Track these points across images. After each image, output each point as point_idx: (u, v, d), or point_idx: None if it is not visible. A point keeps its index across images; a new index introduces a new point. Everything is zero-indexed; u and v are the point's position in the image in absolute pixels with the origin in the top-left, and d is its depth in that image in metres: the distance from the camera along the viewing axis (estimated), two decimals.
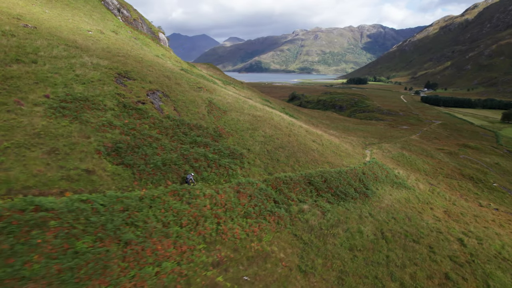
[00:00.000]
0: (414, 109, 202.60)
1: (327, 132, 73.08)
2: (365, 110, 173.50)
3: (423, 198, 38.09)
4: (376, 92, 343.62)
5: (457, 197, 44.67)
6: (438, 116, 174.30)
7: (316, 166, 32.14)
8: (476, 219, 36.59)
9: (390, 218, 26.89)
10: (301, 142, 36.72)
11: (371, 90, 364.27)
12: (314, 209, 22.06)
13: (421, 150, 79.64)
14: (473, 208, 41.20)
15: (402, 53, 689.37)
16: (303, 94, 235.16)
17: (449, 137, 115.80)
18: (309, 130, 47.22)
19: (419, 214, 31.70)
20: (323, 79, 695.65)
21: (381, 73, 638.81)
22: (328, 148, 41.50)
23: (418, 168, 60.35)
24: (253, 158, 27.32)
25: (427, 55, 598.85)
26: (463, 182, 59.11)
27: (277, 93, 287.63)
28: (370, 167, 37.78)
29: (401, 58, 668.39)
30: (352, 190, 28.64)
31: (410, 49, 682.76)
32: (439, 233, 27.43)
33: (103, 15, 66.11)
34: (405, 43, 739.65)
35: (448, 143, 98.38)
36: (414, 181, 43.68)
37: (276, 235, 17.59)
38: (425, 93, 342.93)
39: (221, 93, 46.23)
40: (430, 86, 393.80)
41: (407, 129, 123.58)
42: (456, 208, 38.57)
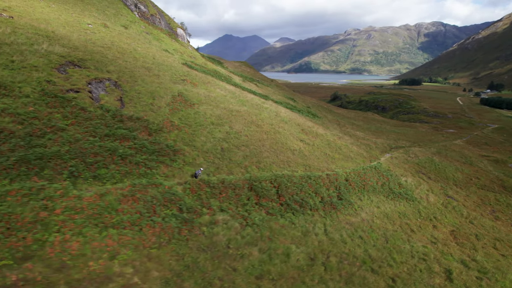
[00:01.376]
0: (469, 112, 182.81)
1: (349, 133, 66.73)
2: (410, 112, 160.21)
3: (427, 213, 31.41)
4: (429, 93, 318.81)
5: (481, 214, 36.81)
6: (497, 120, 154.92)
7: (285, 168, 27.49)
8: (496, 244, 29.20)
9: (356, 237, 21.53)
10: (279, 141, 32.14)
11: (424, 91, 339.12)
12: (233, 221, 17.77)
13: (460, 156, 69.77)
14: (499, 230, 33.37)
15: (463, 52, 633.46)
16: (345, 95, 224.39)
17: (503, 143, 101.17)
18: (309, 129, 42.21)
19: (409, 233, 25.63)
20: (374, 80, 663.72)
21: (438, 73, 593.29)
22: (320, 149, 36.29)
23: (446, 177, 52.19)
24: (195, 156, 23.62)
25: (493, 53, 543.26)
26: (504, 195, 49.84)
27: (321, 94, 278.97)
28: (362, 173, 31.98)
29: (461, 58, 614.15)
30: (315, 200, 23.66)
31: (473, 47, 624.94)
32: (421, 261, 21.42)
33: (118, 11, 66.39)
34: (467, 41, 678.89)
35: (500, 150, 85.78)
36: (425, 192, 36.68)
37: (145, 252, 13.78)
38: (486, 94, 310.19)
39: (212, 87, 43.08)
40: (494, 87, 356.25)
41: (453, 133, 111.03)
42: (471, 228, 31.33)
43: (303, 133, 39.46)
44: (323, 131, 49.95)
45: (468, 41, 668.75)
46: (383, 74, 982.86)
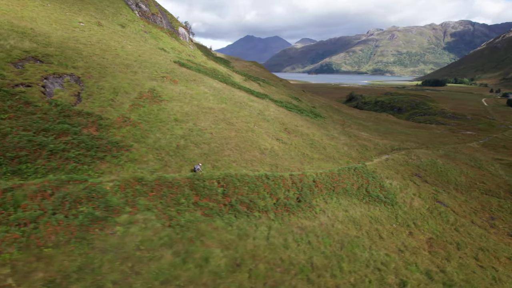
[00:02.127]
0: (493, 113, 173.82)
1: (349, 134, 64.37)
2: (426, 113, 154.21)
3: (407, 218, 29.16)
4: (452, 94, 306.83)
5: (472, 221, 34.06)
6: None
7: (246, 167, 26.16)
8: (478, 254, 26.67)
9: (304, 242, 19.92)
10: (249, 140, 30.81)
11: (447, 92, 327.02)
12: (156, 222, 16.64)
13: (470, 159, 65.98)
14: (488, 238, 30.62)
15: (492, 51, 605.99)
16: (361, 95, 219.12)
17: None
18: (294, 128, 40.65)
19: (375, 240, 23.65)
20: (396, 81, 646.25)
21: (464, 74, 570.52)
22: (298, 149, 34.66)
23: (447, 180, 49.30)
24: (143, 153, 22.71)
25: None
26: (509, 201, 46.47)
27: (338, 94, 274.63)
28: (336, 175, 30.13)
29: (490, 57, 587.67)
30: (267, 201, 22.19)
31: (503, 46, 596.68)
32: (376, 271, 19.51)
33: (118, 10, 66.93)
34: (497, 39, 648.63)
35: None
36: (410, 196, 34.24)
37: (35, 252, 12.81)
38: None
39: (195, 85, 42.33)
40: None
41: (469, 135, 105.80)
42: (454, 236, 28.87)
43: (284, 132, 37.91)
44: (314, 130, 48.09)
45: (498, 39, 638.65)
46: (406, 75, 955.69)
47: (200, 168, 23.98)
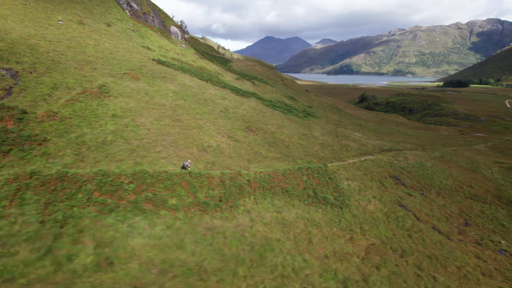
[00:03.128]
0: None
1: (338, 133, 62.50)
2: (438, 114, 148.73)
3: (352, 222, 27.39)
4: (473, 95, 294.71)
5: (435, 227, 31.82)
6: None
7: (176, 165, 25.27)
8: (422, 263, 24.65)
9: (205, 244, 18.84)
10: (192, 137, 29.95)
11: (468, 93, 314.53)
12: (30, 216, 16.03)
13: (467, 162, 62.77)
14: (443, 246, 28.36)
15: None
16: (373, 96, 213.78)
17: None
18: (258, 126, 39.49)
19: (301, 245, 22.16)
20: (416, 82, 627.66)
21: (490, 74, 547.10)
22: (251, 147, 33.52)
23: (431, 183, 47.03)
24: (60, 147, 22.30)
25: None
26: (493, 207, 43.78)
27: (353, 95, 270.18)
28: (280, 174, 28.75)
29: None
30: (180, 200, 21.21)
31: None
32: (279, 277, 18.13)
33: (107, 9, 67.68)
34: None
35: None
36: (368, 198, 32.30)
37: None
38: None
39: (161, 82, 41.92)
40: None
41: (479, 137, 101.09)
42: (404, 243, 26.91)
43: (244, 130, 36.79)
44: (288, 129, 46.61)
45: None
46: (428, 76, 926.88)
47: (188, 164, 25.15)
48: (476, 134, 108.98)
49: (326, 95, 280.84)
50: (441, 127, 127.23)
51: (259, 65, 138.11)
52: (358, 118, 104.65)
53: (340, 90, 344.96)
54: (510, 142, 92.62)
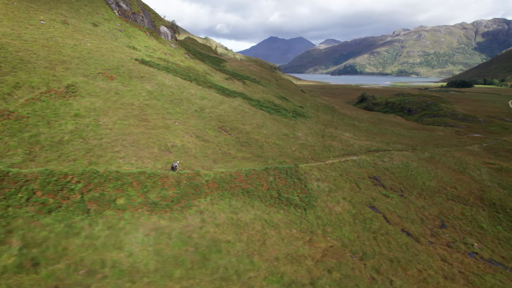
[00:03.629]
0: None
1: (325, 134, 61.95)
2: (436, 115, 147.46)
3: (315, 224, 26.92)
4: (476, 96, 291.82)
5: (404, 229, 31.22)
6: None
7: (135, 164, 24.99)
8: (381, 266, 24.16)
9: (146, 245, 18.50)
10: (157, 137, 29.68)
11: (471, 94, 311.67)
12: None
13: (456, 162, 62.07)
14: (410, 249, 27.79)
15: None
16: (373, 96, 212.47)
17: None
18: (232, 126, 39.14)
19: (253, 246, 21.73)
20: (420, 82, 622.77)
21: (494, 75, 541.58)
22: (220, 147, 33.17)
23: (413, 185, 46.60)
24: (10, 147, 22.17)
25: None
26: (474, 209, 43.22)
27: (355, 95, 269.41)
28: (243, 174, 28.36)
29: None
30: (129, 200, 20.91)
31: None
32: (218, 280, 17.72)
33: (95, 9, 67.77)
34: None
35: None
36: (337, 200, 31.74)
37: None
38: None
39: (137, 81, 41.73)
40: None
41: (475, 138, 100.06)
42: (367, 246, 26.39)
43: (216, 130, 36.46)
44: (267, 130, 46.16)
45: None
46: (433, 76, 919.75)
47: (177, 165, 26.09)
48: (472, 134, 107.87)
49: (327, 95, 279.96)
50: (439, 127, 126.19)
51: (255, 65, 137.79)
52: (352, 118, 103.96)
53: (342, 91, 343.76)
54: (506, 143, 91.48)
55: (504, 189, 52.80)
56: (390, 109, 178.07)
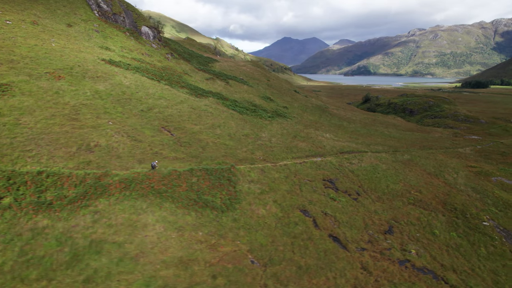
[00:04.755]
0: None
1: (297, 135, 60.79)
2: (437, 116, 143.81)
3: (229, 227, 26.10)
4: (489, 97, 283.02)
5: (330, 235, 30.03)
6: None
7: (41, 164, 24.78)
8: (286, 273, 23.02)
9: (12, 246, 18.16)
10: (80, 136, 29.47)
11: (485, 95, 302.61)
12: None
13: (435, 165, 60.37)
14: (332, 255, 26.58)
15: None
16: (377, 97, 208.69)
17: None
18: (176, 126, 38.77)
19: (143, 249, 21.11)
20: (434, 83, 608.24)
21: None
22: (151, 146, 32.74)
23: (375, 188, 45.72)
24: None
25: None
26: (433, 215, 41.84)
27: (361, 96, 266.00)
28: (156, 175, 27.80)
29: None
30: (16, 200, 20.67)
31: None
32: (84, 284, 17.18)
33: (73, 10, 68.55)
34: None
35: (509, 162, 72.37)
36: (265, 202, 30.80)
37: None
38: None
39: (89, 81, 41.72)
40: None
41: (471, 140, 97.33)
42: (276, 251, 25.42)
43: (156, 129, 36.06)
44: (222, 130, 45.49)
45: None
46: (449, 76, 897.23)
47: (156, 164, 28.56)
48: (470, 136, 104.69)
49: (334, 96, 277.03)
50: (438, 129, 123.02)
51: (250, 65, 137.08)
52: (343, 119, 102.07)
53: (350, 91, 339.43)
54: (502, 145, 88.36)
55: (477, 193, 50.87)
56: (392, 110, 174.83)
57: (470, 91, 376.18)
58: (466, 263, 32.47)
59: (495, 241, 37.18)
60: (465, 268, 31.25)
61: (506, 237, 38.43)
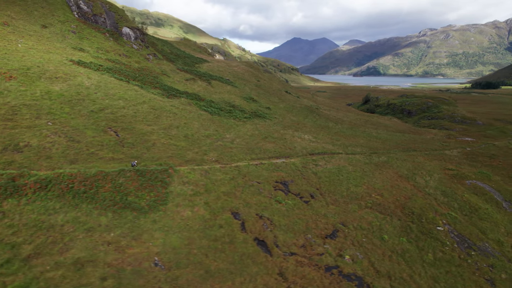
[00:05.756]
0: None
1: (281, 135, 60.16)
2: (434, 117, 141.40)
3: (142, 229, 25.80)
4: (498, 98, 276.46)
5: (256, 238, 29.47)
6: None
7: None
8: (182, 277, 22.54)
9: None
10: (9, 135, 29.65)
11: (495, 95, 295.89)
12: None
13: (410, 168, 59.43)
14: (248, 259, 26.01)
15: None
16: (377, 97, 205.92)
17: None
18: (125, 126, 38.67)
19: (44, 251, 20.97)
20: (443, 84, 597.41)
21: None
22: (88, 147, 32.71)
23: (333, 190, 45.46)
24: None
25: None
26: (388, 219, 40.95)
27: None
28: (79, 176, 27.69)
29: None
30: None
31: None
32: None
33: (52, 11, 69.40)
34: None
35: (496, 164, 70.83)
36: (195, 204, 30.29)
37: None
38: None
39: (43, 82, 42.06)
40: None
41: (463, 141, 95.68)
42: (189, 255, 24.89)
43: (100, 130, 36.03)
44: (178, 131, 45.26)
45: None
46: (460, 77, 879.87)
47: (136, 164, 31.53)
48: (463, 138, 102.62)
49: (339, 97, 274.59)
50: (432, 130, 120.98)
51: (244, 65, 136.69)
52: (330, 120, 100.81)
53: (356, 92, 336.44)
54: (494, 147, 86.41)
55: (445, 196, 49.86)
56: (391, 111, 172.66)
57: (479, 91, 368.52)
58: (407, 269, 31.51)
59: (445, 246, 36.10)
60: (403, 275, 30.30)
61: (459, 242, 37.26)
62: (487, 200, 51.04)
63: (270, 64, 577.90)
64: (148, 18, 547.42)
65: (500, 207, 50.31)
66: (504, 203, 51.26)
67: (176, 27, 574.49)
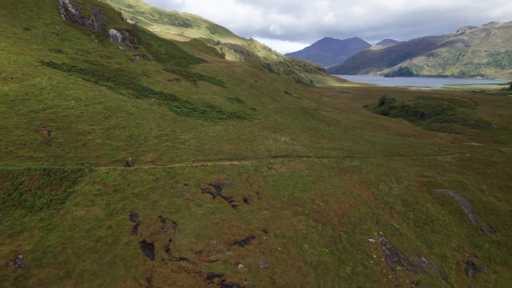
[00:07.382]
0: None
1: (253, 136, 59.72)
2: (447, 120, 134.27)
3: (27, 228, 26.38)
4: None
5: (143, 241, 29.19)
6: None
7: None
8: (46, 277, 22.77)
9: None
10: None
11: None
12: None
13: (379, 174, 57.52)
14: (118, 259, 25.85)
15: None
16: (393, 99, 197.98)
17: None
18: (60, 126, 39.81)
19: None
20: (480, 84, 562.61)
21: None
22: (11, 146, 33.96)
23: (274, 195, 45.81)
24: None
25: None
26: (320, 227, 40.44)
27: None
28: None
29: None
30: None
31: None
32: None
33: (39, 14, 72.89)
34: None
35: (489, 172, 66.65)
36: (96, 204, 30.43)
37: None
38: None
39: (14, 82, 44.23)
40: None
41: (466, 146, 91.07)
42: (57, 256, 25.12)
43: (33, 130, 37.29)
44: (117, 131, 45.85)
45: None
46: (502, 77, 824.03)
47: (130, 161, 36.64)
48: (469, 143, 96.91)
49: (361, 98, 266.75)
50: (441, 134, 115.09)
51: (247, 66, 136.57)
52: (324, 122, 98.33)
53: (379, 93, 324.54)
54: (498, 154, 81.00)
55: (404, 206, 47.75)
56: (404, 113, 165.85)
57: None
58: (313, 282, 30.03)
59: (370, 260, 34.03)
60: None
61: (389, 256, 34.96)
62: (451, 211, 47.72)
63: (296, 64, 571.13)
64: (176, 19, 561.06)
65: (464, 219, 46.91)
66: (470, 215, 47.69)
67: (203, 27, 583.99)
